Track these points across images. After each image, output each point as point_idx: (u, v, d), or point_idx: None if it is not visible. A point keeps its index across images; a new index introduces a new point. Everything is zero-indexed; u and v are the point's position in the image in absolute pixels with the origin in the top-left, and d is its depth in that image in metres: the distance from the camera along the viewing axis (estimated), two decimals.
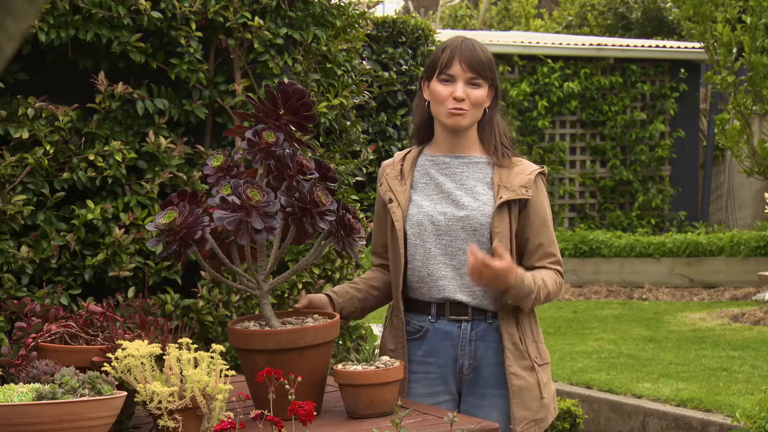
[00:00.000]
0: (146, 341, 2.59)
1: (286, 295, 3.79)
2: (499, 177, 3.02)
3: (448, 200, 3.03)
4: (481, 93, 3.01)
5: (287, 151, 2.73)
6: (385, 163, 3.19)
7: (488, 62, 3.03)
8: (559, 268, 3.07)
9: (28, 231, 3.45)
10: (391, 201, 3.08)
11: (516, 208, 3.00)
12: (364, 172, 5.24)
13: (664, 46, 14.05)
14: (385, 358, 2.81)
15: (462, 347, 3.02)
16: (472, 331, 3.02)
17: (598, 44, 13.67)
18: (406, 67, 7.76)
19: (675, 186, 13.64)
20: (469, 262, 2.86)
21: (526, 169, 3.05)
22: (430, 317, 3.05)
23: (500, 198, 2.98)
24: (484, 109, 3.06)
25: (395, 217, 3.05)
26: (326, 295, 3.07)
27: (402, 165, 3.13)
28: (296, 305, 2.99)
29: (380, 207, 3.15)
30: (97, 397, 2.35)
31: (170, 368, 2.53)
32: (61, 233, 3.46)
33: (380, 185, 3.15)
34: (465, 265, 2.98)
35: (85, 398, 2.34)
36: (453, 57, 3.00)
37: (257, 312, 3.38)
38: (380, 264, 3.20)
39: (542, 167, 3.09)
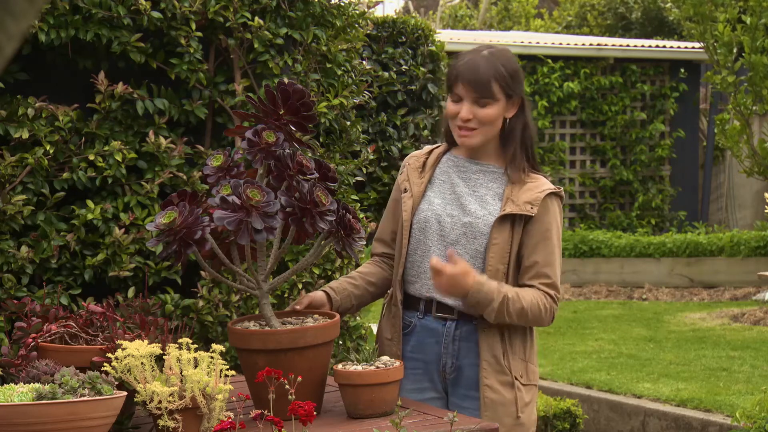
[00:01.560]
0: (146, 341, 2.59)
1: (286, 295, 3.79)
2: (510, 190, 2.99)
3: (458, 203, 3.03)
4: (489, 112, 2.97)
5: (287, 151, 2.73)
6: (411, 153, 3.20)
7: (496, 78, 2.96)
8: (550, 291, 2.95)
9: (28, 231, 3.45)
10: (405, 191, 3.09)
11: (520, 224, 2.96)
12: (364, 172, 5.24)
13: (664, 46, 14.05)
14: (385, 358, 2.81)
15: (446, 345, 3.02)
16: (456, 331, 3.01)
17: (598, 44, 13.67)
18: (406, 67, 7.76)
19: (675, 186, 13.64)
20: (432, 274, 2.87)
21: (538, 186, 2.99)
22: (418, 313, 3.06)
23: (503, 211, 2.96)
24: (506, 120, 3.03)
25: (405, 207, 3.06)
26: (324, 291, 3.07)
27: (426, 158, 3.14)
28: (296, 306, 2.99)
29: (397, 193, 3.15)
30: (97, 397, 2.35)
31: (170, 368, 2.53)
32: (61, 233, 3.46)
33: (401, 174, 3.15)
34: None
35: (85, 398, 2.34)
36: (456, 77, 2.98)
37: (257, 312, 3.38)
38: (381, 253, 3.19)
39: (558, 188, 3.01)
